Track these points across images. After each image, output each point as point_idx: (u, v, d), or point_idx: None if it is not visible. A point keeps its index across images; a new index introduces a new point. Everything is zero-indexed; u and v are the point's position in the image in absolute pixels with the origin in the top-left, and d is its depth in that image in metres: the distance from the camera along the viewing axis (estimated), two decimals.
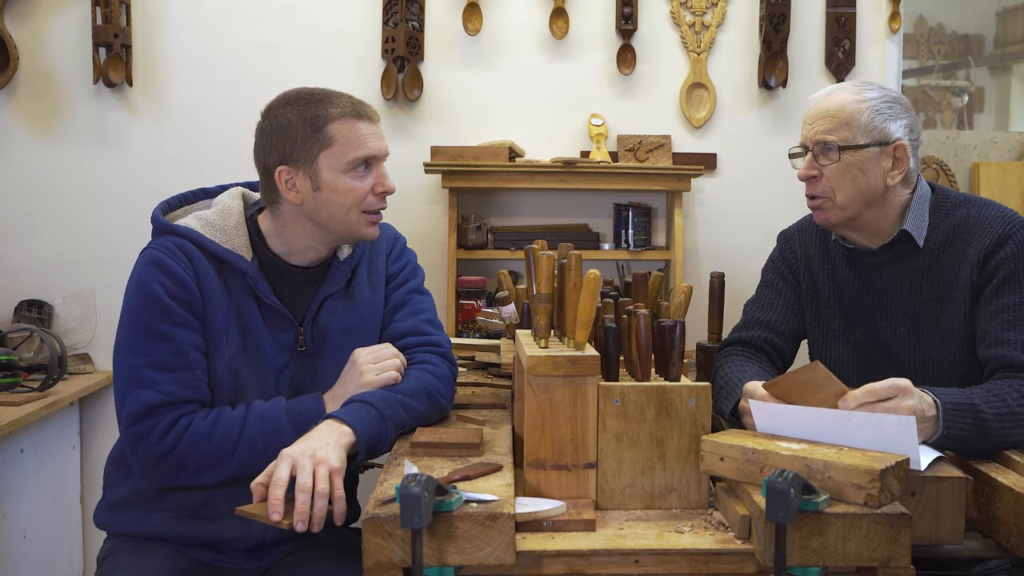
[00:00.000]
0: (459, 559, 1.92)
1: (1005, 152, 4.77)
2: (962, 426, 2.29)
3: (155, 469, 2.51)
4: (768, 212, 4.27)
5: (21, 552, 3.72)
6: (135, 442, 2.49)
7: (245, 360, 2.66)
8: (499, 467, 2.24)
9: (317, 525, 2.17)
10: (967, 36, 6.82)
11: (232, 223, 2.69)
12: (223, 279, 2.64)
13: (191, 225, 2.66)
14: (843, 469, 1.94)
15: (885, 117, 2.71)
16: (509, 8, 4.38)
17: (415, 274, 2.97)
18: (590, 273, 2.15)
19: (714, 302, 3.11)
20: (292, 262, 2.74)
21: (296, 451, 2.24)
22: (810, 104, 2.82)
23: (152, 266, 2.58)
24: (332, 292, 2.77)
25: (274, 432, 2.49)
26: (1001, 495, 2.15)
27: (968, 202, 2.80)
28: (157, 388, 2.49)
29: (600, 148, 4.26)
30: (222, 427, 2.50)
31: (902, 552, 1.90)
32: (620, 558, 1.96)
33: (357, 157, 2.62)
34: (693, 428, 2.18)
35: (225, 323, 2.62)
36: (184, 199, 2.87)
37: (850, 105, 2.71)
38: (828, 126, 2.72)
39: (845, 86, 2.79)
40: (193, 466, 2.50)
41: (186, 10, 4.29)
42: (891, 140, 2.71)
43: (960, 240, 2.73)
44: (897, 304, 2.81)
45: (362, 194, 2.64)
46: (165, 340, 2.53)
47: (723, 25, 4.43)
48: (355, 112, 2.65)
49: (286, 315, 2.69)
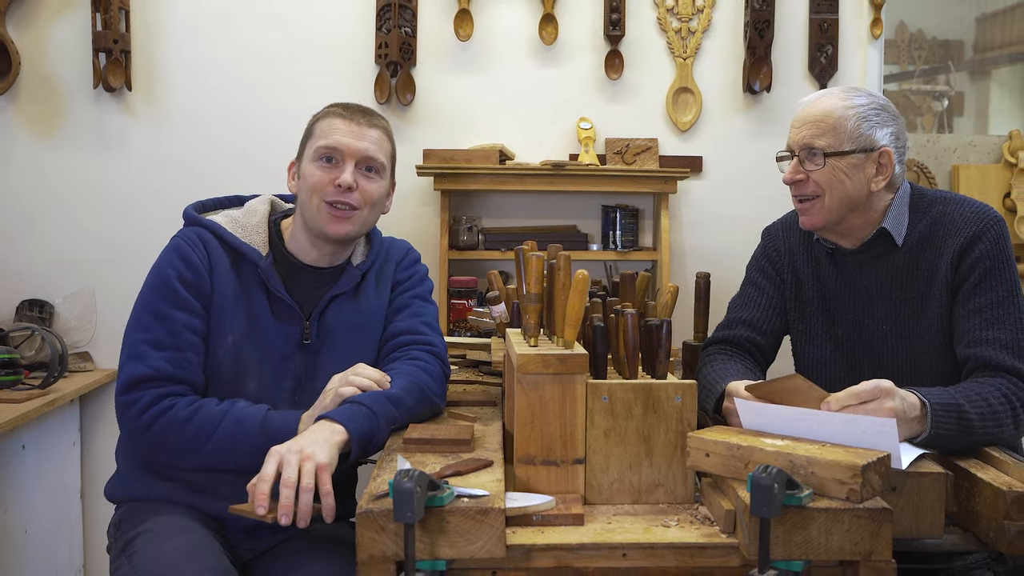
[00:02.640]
0: (451, 552, 1.92)
1: (984, 155, 4.78)
2: (948, 426, 2.30)
3: (137, 440, 2.67)
4: (752, 214, 4.25)
5: (23, 546, 3.71)
6: (121, 410, 2.64)
7: (250, 346, 2.74)
8: (490, 463, 2.24)
9: (302, 520, 2.17)
10: (947, 42, 6.83)
11: (254, 222, 2.83)
12: (236, 269, 2.77)
13: (217, 220, 2.81)
14: (826, 465, 1.94)
15: (871, 124, 2.70)
16: (500, 14, 4.37)
17: (423, 283, 3.03)
18: (578, 273, 2.15)
19: (700, 301, 3.11)
20: (306, 261, 2.83)
21: (284, 448, 2.26)
22: (798, 108, 2.81)
23: (171, 252, 2.75)
24: (341, 292, 2.83)
25: (244, 438, 2.54)
26: (980, 490, 2.16)
27: (943, 199, 2.80)
28: (146, 363, 2.61)
29: (588, 151, 4.26)
30: (198, 420, 2.58)
31: (883, 546, 1.91)
32: (608, 552, 1.97)
33: (321, 146, 2.76)
34: (679, 425, 2.18)
35: (232, 309, 2.73)
36: (218, 202, 3.00)
37: (837, 111, 2.70)
38: (814, 131, 2.71)
39: (834, 92, 2.78)
40: (168, 447, 2.61)
41: (184, 16, 4.28)
42: (876, 147, 2.70)
43: (936, 238, 2.73)
44: (879, 302, 2.80)
45: (321, 182, 2.75)
46: (164, 320, 2.66)
47: (709, 31, 4.43)
48: (339, 112, 2.80)
49: (294, 308, 2.78)
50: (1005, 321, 2.59)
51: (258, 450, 2.40)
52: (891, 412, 2.20)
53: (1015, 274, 2.65)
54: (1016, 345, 2.56)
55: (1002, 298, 2.61)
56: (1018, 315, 2.60)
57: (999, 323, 2.59)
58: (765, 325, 2.99)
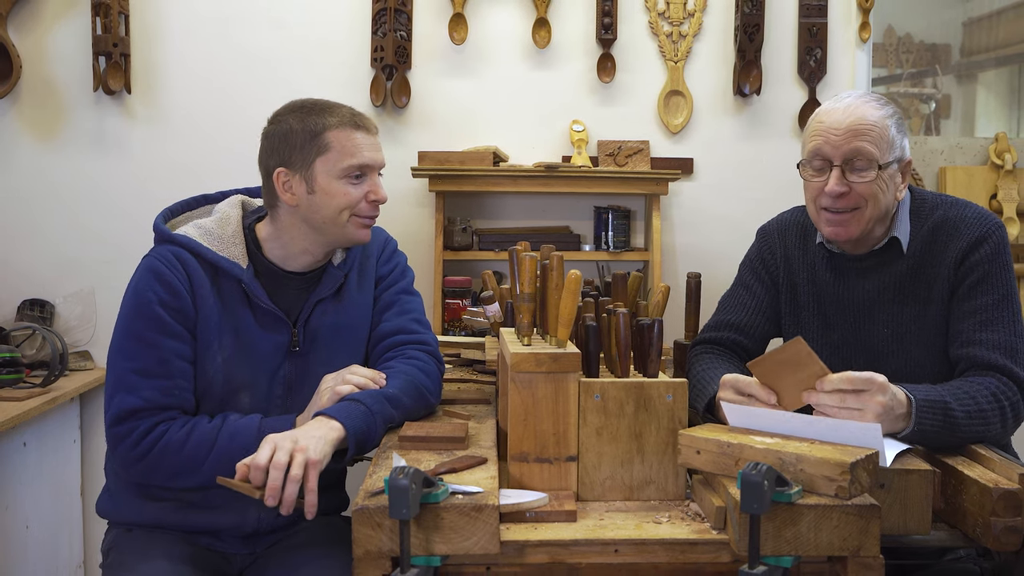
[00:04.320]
0: (445, 549, 1.92)
1: (971, 157, 4.78)
2: (932, 422, 2.29)
3: (131, 469, 2.60)
4: (743, 214, 4.26)
5: (25, 541, 3.71)
6: (114, 443, 2.58)
7: (239, 362, 2.69)
8: (484, 460, 2.25)
9: (286, 508, 2.20)
10: (934, 45, 6.83)
11: (229, 232, 2.72)
12: (217, 286, 2.67)
13: (190, 234, 2.69)
14: (815, 462, 1.95)
15: (902, 133, 2.66)
16: (493, 18, 4.37)
17: (404, 275, 2.97)
18: (571, 273, 2.15)
19: (690, 301, 3.11)
20: (287, 268, 2.76)
21: (279, 436, 2.27)
22: (826, 114, 2.68)
23: (149, 274, 2.63)
24: (324, 296, 2.78)
25: (242, 450, 2.47)
26: (967, 487, 2.16)
27: (944, 203, 2.76)
28: (138, 394, 2.55)
29: (581, 153, 4.26)
30: (195, 439, 2.54)
31: (871, 542, 1.91)
32: (600, 548, 1.97)
33: (352, 165, 2.65)
34: (670, 422, 2.18)
35: (217, 329, 2.65)
36: (186, 205, 2.91)
37: (877, 119, 2.60)
38: (864, 141, 2.59)
39: (862, 97, 2.67)
40: (165, 471, 2.57)
41: (182, 21, 4.28)
42: (906, 157, 2.68)
43: (939, 242, 2.70)
44: (879, 307, 2.77)
45: (355, 200, 2.66)
46: (152, 347, 2.58)
47: (699, 35, 4.43)
48: (353, 122, 2.68)
49: (280, 317, 2.71)
50: (999, 323, 2.57)
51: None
52: (880, 406, 2.20)
53: (1012, 279, 2.64)
54: (1009, 346, 2.54)
55: (997, 301, 2.60)
56: (1012, 318, 2.59)
57: (993, 325, 2.57)
58: (753, 330, 2.96)
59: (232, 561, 2.73)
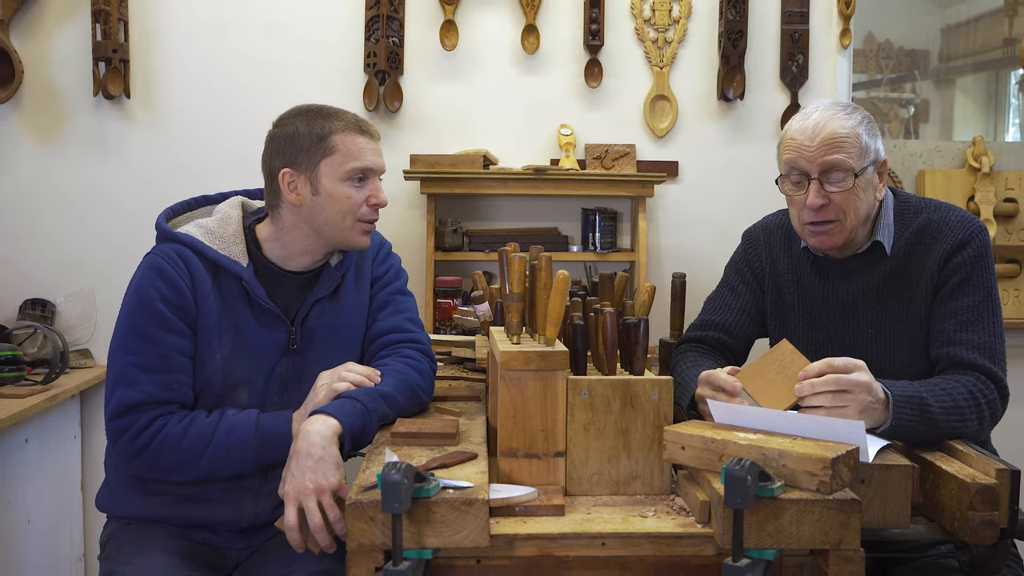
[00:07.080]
0: (437, 542, 1.92)
1: (949, 160, 4.78)
2: (910, 418, 2.29)
3: (131, 462, 2.59)
4: (726, 216, 4.27)
5: (26, 535, 3.71)
6: (114, 436, 2.57)
7: (238, 359, 2.69)
8: (474, 456, 2.24)
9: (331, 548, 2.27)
10: (913, 51, 6.85)
11: (230, 231, 2.72)
12: (218, 284, 2.67)
13: (191, 232, 2.69)
14: (797, 458, 1.95)
15: (873, 135, 2.65)
16: (484, 25, 4.37)
17: (398, 276, 2.98)
18: (559, 274, 2.15)
19: (676, 301, 3.11)
20: (287, 268, 2.76)
21: (296, 490, 2.26)
22: (797, 131, 2.66)
23: (151, 271, 2.62)
24: (322, 296, 2.78)
25: (240, 445, 2.52)
26: (945, 482, 2.16)
27: (928, 206, 2.75)
28: (138, 388, 2.54)
29: (569, 156, 4.26)
30: (193, 433, 2.54)
31: (852, 536, 1.92)
32: (588, 541, 1.97)
33: (355, 168, 2.66)
34: (656, 419, 2.18)
35: (217, 326, 2.65)
36: (187, 205, 2.91)
37: (847, 129, 2.59)
38: (839, 153, 2.58)
39: (829, 107, 2.66)
40: (164, 465, 2.56)
41: (181, 26, 4.27)
42: (880, 158, 2.67)
43: (923, 244, 2.70)
44: (863, 308, 2.77)
45: (357, 203, 2.67)
46: (152, 342, 2.58)
47: (684, 41, 4.43)
48: (358, 128, 2.70)
49: (279, 316, 2.71)
50: (979, 324, 2.58)
51: (254, 455, 2.49)
52: (866, 385, 2.23)
53: (994, 281, 2.64)
54: (988, 346, 2.55)
55: (979, 303, 2.60)
56: (992, 320, 2.59)
57: (973, 326, 2.58)
58: (737, 330, 2.96)
59: (228, 556, 2.73)
